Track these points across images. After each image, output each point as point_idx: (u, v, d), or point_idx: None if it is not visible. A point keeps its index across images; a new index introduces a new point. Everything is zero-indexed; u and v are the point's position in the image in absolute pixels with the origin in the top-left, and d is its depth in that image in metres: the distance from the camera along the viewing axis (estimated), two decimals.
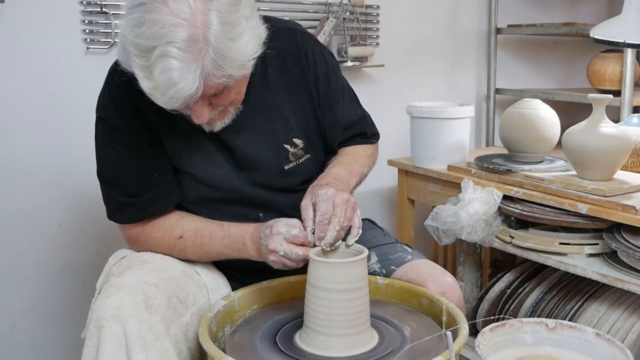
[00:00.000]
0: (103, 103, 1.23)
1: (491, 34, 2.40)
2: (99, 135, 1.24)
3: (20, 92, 1.77)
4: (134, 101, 1.15)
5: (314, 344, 1.07)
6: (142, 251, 1.26)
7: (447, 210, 1.75)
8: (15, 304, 1.87)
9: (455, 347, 0.99)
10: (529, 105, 1.84)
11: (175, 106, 1.03)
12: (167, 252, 1.24)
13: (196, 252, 1.24)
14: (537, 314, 1.77)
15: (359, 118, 1.42)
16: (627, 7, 1.50)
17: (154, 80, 0.98)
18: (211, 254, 1.25)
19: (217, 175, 1.25)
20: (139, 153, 1.21)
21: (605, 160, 1.60)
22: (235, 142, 1.24)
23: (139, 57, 0.98)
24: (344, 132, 1.38)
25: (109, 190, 1.25)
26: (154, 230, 1.25)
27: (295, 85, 1.28)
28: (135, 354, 1.04)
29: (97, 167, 1.26)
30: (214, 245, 1.22)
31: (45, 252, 1.88)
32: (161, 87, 0.99)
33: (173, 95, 0.99)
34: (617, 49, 2.02)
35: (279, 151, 1.27)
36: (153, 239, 1.25)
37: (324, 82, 1.31)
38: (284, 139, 1.27)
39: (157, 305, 1.09)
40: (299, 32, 1.31)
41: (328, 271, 1.06)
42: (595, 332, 1.06)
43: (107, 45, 1.82)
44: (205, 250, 1.23)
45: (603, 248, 1.60)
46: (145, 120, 1.19)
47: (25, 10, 1.73)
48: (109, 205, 1.27)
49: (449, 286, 1.25)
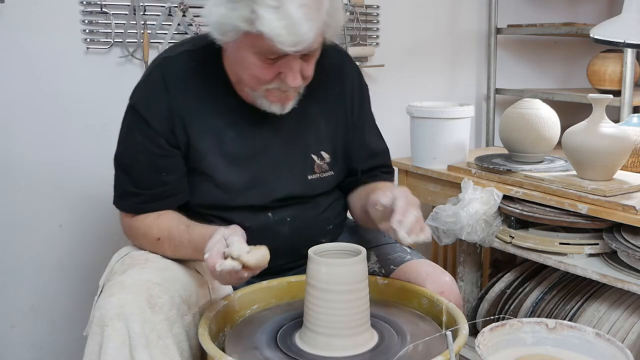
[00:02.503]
0: (138, 93, 1.26)
1: (491, 34, 2.40)
2: (126, 122, 1.27)
3: (20, 92, 1.77)
4: (170, 98, 1.21)
5: (313, 344, 1.07)
6: (135, 245, 1.28)
7: (447, 210, 1.75)
8: (15, 304, 1.87)
9: (455, 347, 0.99)
10: (529, 105, 1.84)
11: (297, 47, 1.07)
12: (152, 251, 1.24)
13: (174, 255, 1.22)
14: (537, 314, 1.76)
15: (383, 149, 1.46)
16: (627, 7, 1.50)
17: (288, 18, 1.04)
18: (186, 257, 1.22)
19: (237, 183, 1.26)
20: (155, 148, 1.23)
21: (605, 160, 1.59)
22: (268, 143, 1.27)
23: (270, 1, 1.05)
24: (369, 159, 1.41)
25: (119, 176, 1.29)
26: (139, 225, 1.26)
27: (333, 101, 1.34)
28: (139, 353, 1.04)
29: (116, 151, 1.29)
30: (184, 248, 1.20)
31: (45, 252, 1.88)
32: (294, 25, 1.04)
33: (303, 34, 1.06)
34: (617, 49, 2.01)
35: (306, 160, 1.31)
36: (139, 236, 1.26)
37: (358, 105, 1.38)
38: (314, 149, 1.32)
39: (160, 304, 1.09)
40: (344, 54, 1.42)
41: (328, 271, 1.06)
42: (595, 332, 1.06)
43: (107, 45, 1.82)
44: (180, 253, 1.21)
45: (603, 248, 1.60)
46: (176, 119, 1.22)
47: (25, 10, 1.73)
48: (116, 190, 1.30)
49: (447, 285, 1.26)
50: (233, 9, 1.08)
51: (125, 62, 1.86)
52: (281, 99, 1.21)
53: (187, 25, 1.88)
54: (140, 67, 1.87)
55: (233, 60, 1.21)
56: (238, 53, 1.16)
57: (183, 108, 1.22)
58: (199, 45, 1.27)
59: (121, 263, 1.21)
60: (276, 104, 1.21)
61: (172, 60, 1.25)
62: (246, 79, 1.19)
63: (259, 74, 1.16)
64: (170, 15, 1.86)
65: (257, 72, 1.15)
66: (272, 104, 1.21)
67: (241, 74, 1.19)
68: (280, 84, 1.17)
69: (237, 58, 1.18)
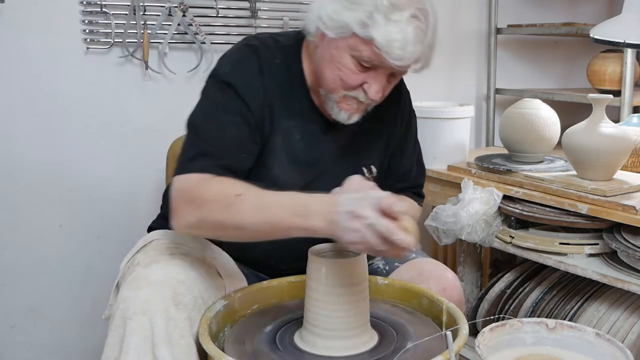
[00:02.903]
0: (235, 72, 1.21)
1: (491, 34, 2.39)
2: (214, 92, 1.20)
3: (20, 92, 1.77)
4: (266, 86, 1.21)
5: (313, 343, 1.07)
6: (187, 217, 1.09)
7: (447, 210, 1.75)
8: (15, 304, 1.87)
9: (455, 347, 0.99)
10: (529, 105, 1.84)
11: (399, 62, 1.13)
12: (218, 213, 1.05)
13: (254, 216, 1.03)
14: (537, 314, 1.77)
15: (418, 173, 1.48)
16: (627, 7, 1.50)
17: (403, 33, 1.10)
18: (268, 221, 1.03)
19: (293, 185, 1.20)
20: (245, 127, 1.18)
21: (605, 160, 1.60)
22: (328, 151, 1.28)
23: (391, 11, 1.10)
24: (402, 179, 1.44)
25: (195, 139, 1.17)
26: (213, 183, 1.10)
27: (388, 119, 1.37)
28: (162, 351, 1.03)
29: (193, 116, 1.20)
30: (274, 208, 1.02)
31: (45, 252, 1.88)
32: (406, 42, 1.10)
33: (408, 53, 1.12)
34: (617, 49, 2.01)
35: (357, 171, 1.30)
36: (208, 195, 1.07)
37: (406, 127, 1.42)
38: (365, 162, 1.34)
39: (185, 303, 1.08)
40: (402, 78, 1.41)
41: (328, 270, 1.06)
42: (595, 332, 1.06)
43: (107, 45, 1.82)
44: (264, 214, 1.03)
45: (603, 248, 1.60)
46: (266, 109, 1.21)
47: (25, 10, 1.73)
48: (187, 153, 1.16)
49: (449, 282, 1.27)
50: (351, 9, 1.11)
51: (125, 62, 1.86)
52: (352, 109, 1.22)
53: (187, 25, 1.88)
54: (140, 67, 1.87)
55: (322, 59, 1.20)
56: (333, 52, 1.16)
57: (272, 100, 1.21)
58: (283, 42, 1.27)
59: (145, 254, 1.19)
60: (346, 112, 1.22)
61: (264, 50, 1.24)
62: (330, 79, 1.19)
63: (346, 77, 1.17)
64: (170, 15, 1.86)
65: (345, 75, 1.17)
66: (341, 112, 1.22)
67: (326, 74, 1.19)
68: (359, 94, 1.19)
69: (329, 56, 1.17)
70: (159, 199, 1.46)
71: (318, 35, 1.19)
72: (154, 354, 1.04)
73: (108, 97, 1.86)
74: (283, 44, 1.26)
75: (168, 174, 1.70)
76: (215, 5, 1.91)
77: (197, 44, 1.91)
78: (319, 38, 1.19)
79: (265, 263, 1.33)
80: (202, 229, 1.10)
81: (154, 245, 1.23)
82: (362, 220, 0.92)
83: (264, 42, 1.25)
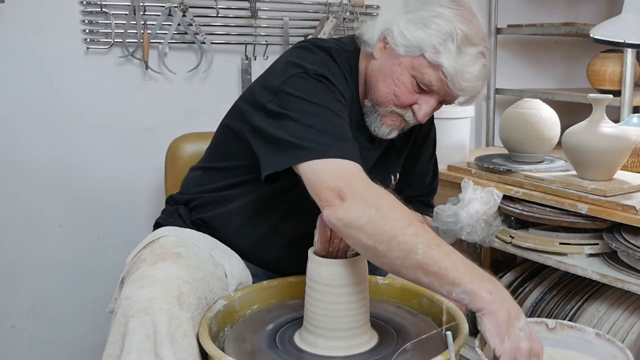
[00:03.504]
0: (323, 67, 1.16)
1: (491, 34, 2.39)
2: (313, 86, 1.12)
3: (21, 91, 1.77)
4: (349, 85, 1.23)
5: (313, 343, 1.07)
6: (358, 213, 0.98)
7: (447, 210, 1.75)
8: (15, 304, 1.87)
9: (455, 347, 0.99)
10: (529, 105, 1.84)
11: (460, 93, 1.18)
12: (395, 220, 0.98)
13: (427, 252, 0.97)
14: (537, 314, 1.76)
15: (429, 183, 1.52)
16: (627, 7, 1.50)
17: (473, 66, 1.14)
18: (423, 268, 0.97)
19: None
20: (346, 118, 1.15)
21: (605, 160, 1.59)
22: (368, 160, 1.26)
23: (464, 44, 1.13)
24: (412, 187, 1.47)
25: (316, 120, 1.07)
26: (384, 192, 1.03)
27: (416, 136, 1.41)
28: (164, 350, 1.03)
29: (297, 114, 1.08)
30: (444, 256, 1.00)
31: (45, 252, 1.88)
32: (473, 76, 1.14)
33: (470, 86, 1.16)
34: (617, 49, 2.01)
35: (386, 179, 1.34)
36: (387, 205, 1.00)
37: (431, 145, 1.48)
38: (393, 170, 1.39)
39: (188, 302, 1.08)
40: None
41: (328, 270, 1.06)
42: (595, 332, 1.06)
43: (107, 45, 1.82)
44: (430, 258, 0.97)
45: (603, 248, 1.60)
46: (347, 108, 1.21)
47: (26, 10, 1.73)
48: (319, 139, 1.04)
49: None
50: (424, 31, 1.13)
51: (125, 62, 1.86)
52: (395, 125, 1.24)
53: (187, 25, 1.88)
54: (140, 67, 1.87)
55: (380, 72, 1.20)
56: (395, 67, 1.18)
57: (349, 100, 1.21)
58: (345, 47, 1.26)
59: (151, 252, 1.18)
60: (387, 127, 1.24)
61: (336, 52, 1.22)
62: (384, 93, 1.20)
63: (401, 94, 1.18)
64: (170, 15, 1.86)
65: (400, 92, 1.18)
66: (383, 126, 1.24)
67: (381, 86, 1.20)
68: (406, 112, 1.21)
69: (389, 71, 1.18)
70: (159, 199, 1.46)
71: (378, 47, 1.20)
72: (156, 353, 1.03)
73: (108, 97, 1.86)
74: (347, 49, 1.26)
75: (167, 174, 1.69)
76: (215, 5, 1.91)
77: (197, 44, 1.91)
78: (379, 50, 1.20)
79: (275, 266, 1.33)
80: (361, 231, 0.98)
81: (161, 243, 1.22)
82: (525, 344, 0.94)
83: (331, 45, 1.24)
